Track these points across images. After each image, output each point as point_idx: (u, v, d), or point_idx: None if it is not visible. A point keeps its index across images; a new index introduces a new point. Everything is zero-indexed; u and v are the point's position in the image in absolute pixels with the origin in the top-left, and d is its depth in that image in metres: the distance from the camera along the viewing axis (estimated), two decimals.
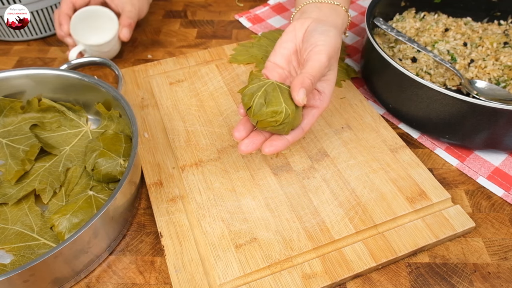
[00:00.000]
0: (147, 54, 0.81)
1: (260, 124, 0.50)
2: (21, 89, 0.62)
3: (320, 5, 0.57)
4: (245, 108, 0.51)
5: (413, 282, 0.49)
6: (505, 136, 0.58)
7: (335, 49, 0.53)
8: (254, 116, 0.49)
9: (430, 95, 0.57)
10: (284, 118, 0.49)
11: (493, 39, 0.70)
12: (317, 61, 0.51)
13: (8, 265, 0.49)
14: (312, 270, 0.48)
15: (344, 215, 0.53)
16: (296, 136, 0.53)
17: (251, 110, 0.49)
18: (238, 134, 0.52)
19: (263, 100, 0.49)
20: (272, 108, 0.49)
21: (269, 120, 0.49)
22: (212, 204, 0.54)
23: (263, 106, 0.49)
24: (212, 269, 0.48)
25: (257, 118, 0.49)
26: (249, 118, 0.51)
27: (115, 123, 0.61)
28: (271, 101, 0.49)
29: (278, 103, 0.49)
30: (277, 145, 0.51)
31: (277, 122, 0.49)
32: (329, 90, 0.54)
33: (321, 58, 0.51)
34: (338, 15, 0.57)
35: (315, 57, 0.51)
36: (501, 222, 0.55)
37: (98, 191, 0.55)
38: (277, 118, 0.49)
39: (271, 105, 0.49)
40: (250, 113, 0.50)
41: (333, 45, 0.52)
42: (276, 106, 0.49)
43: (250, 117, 0.50)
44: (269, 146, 0.51)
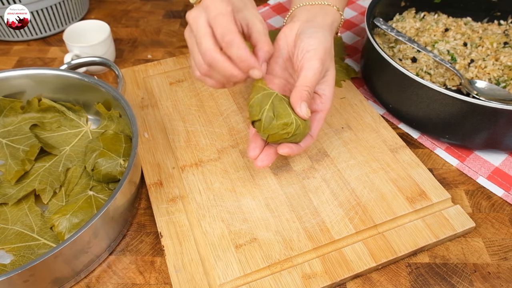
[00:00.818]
0: (147, 54, 0.81)
1: (272, 138, 0.50)
2: (21, 89, 0.62)
3: (310, 7, 0.57)
4: (251, 119, 0.50)
5: (413, 282, 0.49)
6: (505, 136, 0.58)
7: (327, 50, 0.52)
8: (264, 131, 0.49)
9: (430, 95, 0.57)
10: (295, 129, 0.49)
11: (493, 39, 0.70)
12: (310, 69, 0.50)
13: (8, 265, 0.49)
14: (312, 270, 0.48)
15: (344, 215, 0.53)
16: (308, 143, 0.53)
17: (261, 124, 0.49)
18: (253, 153, 0.52)
19: (272, 113, 0.49)
20: (282, 120, 0.49)
21: (281, 133, 0.49)
22: (212, 204, 0.54)
23: (272, 120, 0.49)
24: (212, 269, 0.48)
25: (268, 132, 0.49)
26: (259, 133, 0.51)
27: (115, 123, 0.61)
28: (280, 114, 0.49)
29: (287, 114, 0.49)
30: (292, 149, 0.51)
31: (288, 134, 0.49)
32: (329, 92, 0.53)
33: (314, 65, 0.50)
34: (326, 14, 0.56)
35: (308, 65, 0.50)
36: (501, 222, 0.55)
37: (98, 191, 0.55)
38: (288, 130, 0.49)
39: (280, 118, 0.49)
40: (259, 127, 0.50)
41: (323, 47, 0.51)
42: (285, 118, 0.49)
43: (260, 132, 0.50)
44: (284, 147, 0.51)
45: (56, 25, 0.85)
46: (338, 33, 0.62)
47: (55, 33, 0.86)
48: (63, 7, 0.83)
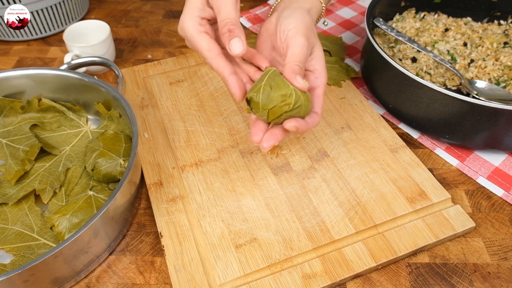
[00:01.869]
0: (147, 54, 0.81)
1: (272, 113, 0.46)
2: (21, 89, 0.62)
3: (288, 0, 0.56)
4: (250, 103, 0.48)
5: (413, 282, 0.49)
6: (505, 136, 0.58)
7: (308, 26, 0.51)
8: (263, 107, 0.46)
9: (430, 95, 0.57)
10: (296, 101, 0.46)
11: (493, 39, 0.70)
12: (296, 45, 0.49)
13: (8, 265, 0.49)
14: (312, 270, 0.48)
15: (344, 215, 0.53)
16: (315, 120, 0.50)
17: (258, 101, 0.46)
18: (256, 137, 0.49)
19: (269, 87, 0.46)
20: (280, 91, 0.46)
21: (281, 105, 0.46)
22: (212, 204, 0.54)
23: (270, 92, 0.46)
24: (212, 269, 0.48)
25: (267, 107, 0.46)
26: (259, 115, 0.48)
27: (115, 123, 0.61)
28: (277, 85, 0.46)
29: (285, 86, 0.46)
30: (300, 122, 0.47)
31: (289, 106, 0.46)
32: (320, 66, 0.52)
33: (299, 40, 0.49)
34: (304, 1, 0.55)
35: (293, 42, 0.49)
36: (501, 222, 0.55)
37: (98, 191, 0.55)
38: (288, 101, 0.46)
39: (278, 89, 0.46)
40: (257, 105, 0.47)
41: (303, 24, 0.50)
42: (283, 89, 0.46)
43: (259, 110, 0.47)
44: (291, 121, 0.47)
45: (56, 25, 0.85)
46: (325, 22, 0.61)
47: (55, 33, 0.86)
48: (63, 7, 0.83)
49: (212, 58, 0.49)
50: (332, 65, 0.73)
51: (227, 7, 0.48)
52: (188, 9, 0.50)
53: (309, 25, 0.51)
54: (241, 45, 0.47)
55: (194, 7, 0.50)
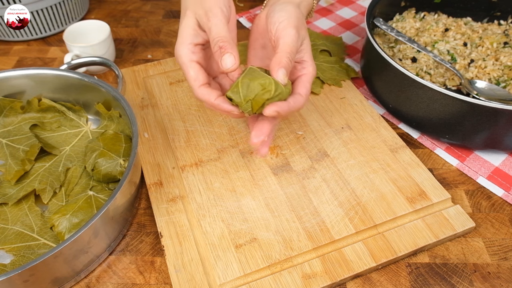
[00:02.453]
0: (147, 54, 0.81)
1: (255, 103, 0.47)
2: (21, 89, 0.62)
3: None
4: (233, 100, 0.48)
5: (413, 282, 0.49)
6: (505, 136, 0.58)
7: (299, 20, 0.51)
8: (245, 99, 0.47)
9: (430, 95, 0.57)
10: (276, 88, 0.46)
11: (493, 39, 0.70)
12: (287, 36, 0.49)
13: (8, 265, 0.49)
14: (312, 270, 0.48)
15: (344, 215, 0.53)
16: (298, 102, 0.50)
17: (240, 95, 0.47)
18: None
19: (247, 79, 0.47)
20: (258, 80, 0.46)
21: (262, 93, 0.46)
22: (212, 204, 0.54)
23: (249, 84, 0.46)
24: (212, 269, 0.48)
25: (249, 98, 0.47)
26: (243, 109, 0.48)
27: (115, 123, 0.61)
28: (255, 77, 0.47)
29: (262, 76, 0.47)
30: (279, 105, 0.48)
31: (270, 93, 0.46)
32: (308, 57, 0.52)
33: (290, 32, 0.49)
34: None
35: (284, 33, 0.49)
36: (501, 222, 0.55)
37: (98, 191, 0.55)
38: (268, 89, 0.46)
39: (256, 79, 0.46)
40: (239, 100, 0.47)
41: (295, 16, 0.50)
42: (261, 78, 0.46)
43: (243, 105, 0.47)
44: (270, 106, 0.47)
45: (56, 25, 0.85)
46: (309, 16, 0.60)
47: (55, 33, 0.86)
48: (63, 7, 0.83)
49: (196, 88, 0.48)
50: (332, 65, 0.73)
51: (217, 27, 0.48)
52: (181, 37, 0.50)
53: (300, 18, 0.51)
54: (232, 60, 0.47)
55: (186, 34, 0.50)
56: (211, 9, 0.49)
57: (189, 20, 0.50)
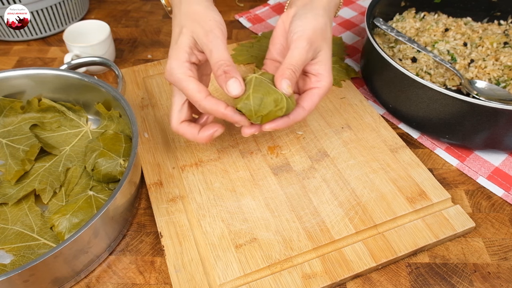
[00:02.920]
0: (147, 54, 0.81)
1: (266, 118, 0.48)
2: (21, 89, 0.62)
3: None
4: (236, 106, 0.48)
5: (413, 282, 0.49)
6: (505, 136, 0.58)
7: (316, 31, 0.51)
8: (257, 113, 0.47)
9: (430, 95, 0.57)
10: (288, 107, 0.47)
11: (493, 39, 0.70)
12: (295, 48, 0.49)
13: (8, 265, 0.49)
14: (312, 270, 0.48)
15: (344, 215, 0.53)
16: (299, 116, 0.51)
17: (251, 109, 0.47)
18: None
19: (259, 94, 0.47)
20: (271, 96, 0.46)
21: (274, 110, 0.47)
22: (212, 204, 0.54)
23: (262, 99, 0.46)
24: (212, 269, 0.48)
25: (261, 114, 0.47)
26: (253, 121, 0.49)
27: (115, 123, 0.61)
28: (268, 92, 0.47)
29: (273, 90, 0.47)
30: (279, 123, 0.49)
31: (282, 110, 0.47)
32: (324, 70, 0.52)
33: (299, 45, 0.49)
34: None
35: (293, 45, 0.50)
36: (501, 222, 0.55)
37: (98, 191, 0.55)
38: (281, 106, 0.47)
39: (269, 94, 0.47)
40: (249, 111, 0.47)
41: (311, 27, 0.50)
42: (274, 94, 0.47)
43: (253, 117, 0.48)
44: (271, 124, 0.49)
45: (56, 25, 0.85)
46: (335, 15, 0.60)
47: (55, 33, 0.86)
48: (63, 7, 0.83)
49: (203, 99, 0.48)
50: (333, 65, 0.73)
51: (219, 49, 0.47)
52: (176, 54, 0.49)
53: (319, 29, 0.51)
54: (238, 86, 0.47)
55: (182, 51, 0.49)
56: (212, 30, 0.48)
57: (185, 38, 0.49)
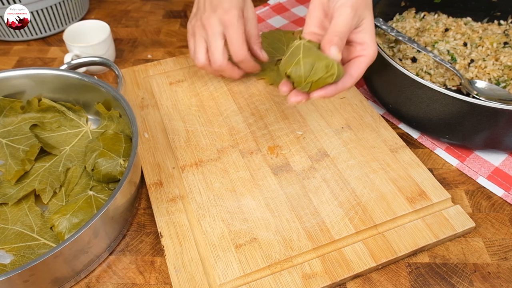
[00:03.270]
0: (147, 54, 0.81)
1: (316, 85, 0.46)
2: (21, 89, 0.62)
3: None
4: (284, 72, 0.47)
5: (413, 282, 0.49)
6: (505, 136, 0.58)
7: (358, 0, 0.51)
8: (307, 80, 0.45)
9: (430, 95, 0.57)
10: (338, 73, 0.46)
11: (493, 39, 0.70)
12: (340, 16, 0.49)
13: (8, 265, 0.49)
14: (312, 270, 0.48)
15: (344, 215, 0.53)
16: (347, 83, 0.50)
17: (301, 75, 0.45)
18: (285, 88, 0.51)
19: (309, 59, 0.45)
20: (323, 62, 0.45)
21: (325, 76, 0.45)
22: (212, 204, 0.54)
23: (313, 64, 0.45)
24: (212, 269, 0.48)
25: (311, 79, 0.45)
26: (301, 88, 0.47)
27: (115, 123, 0.61)
28: (318, 57, 0.46)
29: (324, 56, 0.46)
30: (328, 91, 0.49)
31: (333, 77, 0.45)
32: (369, 38, 0.52)
33: (344, 12, 0.49)
34: None
35: (338, 13, 0.49)
36: (501, 222, 0.55)
37: (98, 191, 0.55)
38: (331, 72, 0.45)
39: (320, 60, 0.45)
40: (299, 77, 0.46)
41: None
42: (325, 59, 0.45)
43: (302, 83, 0.46)
44: (320, 91, 0.49)
45: (56, 25, 0.85)
46: None
47: (55, 33, 0.86)
48: (63, 7, 0.83)
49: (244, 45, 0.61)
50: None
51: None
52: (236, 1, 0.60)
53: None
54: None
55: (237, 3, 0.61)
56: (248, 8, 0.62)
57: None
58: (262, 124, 0.64)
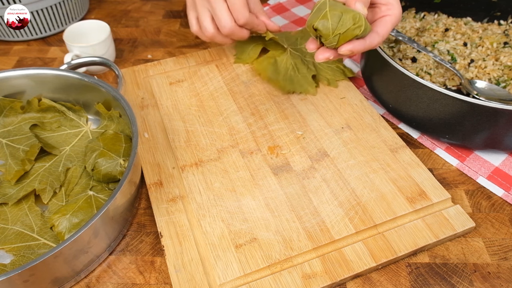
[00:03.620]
0: (147, 54, 0.81)
1: (343, 38, 0.46)
2: (21, 89, 0.62)
3: None
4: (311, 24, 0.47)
5: (413, 282, 0.49)
6: (505, 136, 0.58)
7: None
8: (334, 32, 0.45)
9: (430, 95, 0.57)
10: (366, 25, 0.46)
11: (493, 39, 0.70)
12: None
13: (8, 265, 0.49)
14: (312, 270, 0.48)
15: (344, 215, 0.53)
16: (374, 40, 0.50)
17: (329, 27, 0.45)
18: (312, 46, 0.51)
19: (336, 12, 0.45)
20: (350, 14, 0.45)
21: (353, 28, 0.45)
22: (212, 204, 0.54)
23: (340, 16, 0.45)
24: (212, 269, 0.48)
25: (339, 31, 0.45)
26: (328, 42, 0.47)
27: (115, 123, 0.61)
28: (345, 10, 0.45)
29: (351, 9, 0.46)
30: (356, 46, 0.48)
31: (360, 28, 0.45)
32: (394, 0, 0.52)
33: None
34: None
35: None
36: (501, 222, 0.55)
37: (98, 191, 0.55)
38: (359, 24, 0.45)
39: (348, 12, 0.45)
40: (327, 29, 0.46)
41: None
42: (352, 12, 0.45)
43: (330, 36, 0.46)
44: (348, 45, 0.48)
45: (56, 25, 0.85)
46: None
47: (55, 33, 0.86)
48: (63, 7, 0.83)
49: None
50: (329, 65, 0.73)
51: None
52: None
53: None
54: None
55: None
56: None
57: None
58: (262, 124, 0.64)
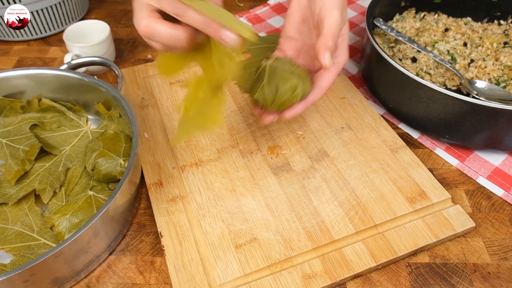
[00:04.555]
0: (147, 54, 0.81)
1: (282, 106, 0.49)
2: (21, 89, 0.62)
3: None
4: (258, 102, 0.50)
5: (413, 282, 0.49)
6: (505, 136, 0.58)
7: (343, 2, 0.51)
8: (272, 103, 0.48)
9: (430, 95, 0.57)
10: (303, 93, 0.48)
11: (493, 39, 0.70)
12: (332, 17, 0.49)
13: (8, 265, 0.49)
14: (312, 270, 0.48)
15: (344, 215, 0.53)
16: (316, 96, 0.51)
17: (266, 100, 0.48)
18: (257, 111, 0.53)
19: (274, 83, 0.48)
20: (287, 84, 0.47)
21: (290, 98, 0.48)
22: (212, 204, 0.54)
23: (277, 88, 0.48)
24: (212, 269, 0.48)
25: (277, 102, 0.48)
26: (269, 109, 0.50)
27: (115, 123, 0.61)
28: (282, 78, 0.48)
29: (288, 77, 0.48)
30: (298, 109, 0.51)
31: (297, 98, 0.48)
32: (343, 45, 0.52)
33: (335, 14, 0.49)
34: None
35: (329, 14, 0.49)
36: (501, 222, 0.55)
37: (98, 191, 0.55)
38: (297, 93, 0.48)
39: (284, 82, 0.47)
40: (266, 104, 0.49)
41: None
42: (289, 81, 0.47)
43: (269, 107, 0.50)
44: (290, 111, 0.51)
45: (56, 25, 0.85)
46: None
47: (55, 33, 0.86)
48: (63, 7, 0.83)
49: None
50: None
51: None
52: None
53: (343, 2, 0.51)
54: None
55: None
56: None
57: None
58: (262, 124, 0.64)
